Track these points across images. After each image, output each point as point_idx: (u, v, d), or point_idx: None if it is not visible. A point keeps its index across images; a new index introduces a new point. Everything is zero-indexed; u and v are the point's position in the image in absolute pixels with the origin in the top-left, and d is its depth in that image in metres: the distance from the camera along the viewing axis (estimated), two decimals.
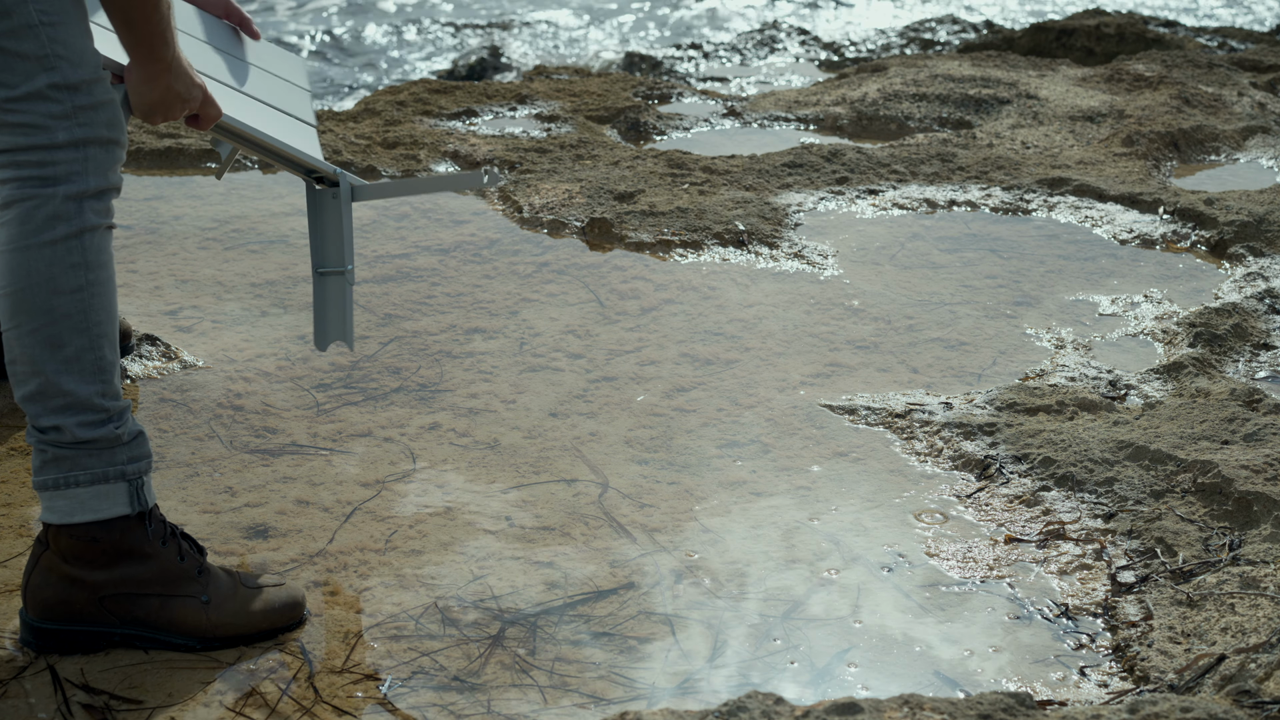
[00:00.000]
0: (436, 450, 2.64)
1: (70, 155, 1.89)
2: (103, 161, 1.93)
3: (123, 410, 1.97)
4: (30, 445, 1.96)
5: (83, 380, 1.92)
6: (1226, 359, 3.05)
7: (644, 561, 2.31)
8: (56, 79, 1.87)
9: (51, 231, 1.89)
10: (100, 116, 1.92)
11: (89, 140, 1.91)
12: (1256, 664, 1.92)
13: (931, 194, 4.01)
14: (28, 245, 1.89)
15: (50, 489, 1.95)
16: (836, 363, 3.02)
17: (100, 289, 1.94)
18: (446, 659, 2.06)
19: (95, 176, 1.92)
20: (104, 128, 1.92)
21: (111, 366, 1.96)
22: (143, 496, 1.99)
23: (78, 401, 1.92)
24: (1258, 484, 2.40)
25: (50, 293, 1.90)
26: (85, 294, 1.92)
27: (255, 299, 3.23)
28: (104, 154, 1.93)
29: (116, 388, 1.96)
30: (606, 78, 5.37)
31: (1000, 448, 2.65)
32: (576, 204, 3.79)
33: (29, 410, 1.93)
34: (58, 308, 1.90)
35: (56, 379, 1.91)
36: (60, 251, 1.90)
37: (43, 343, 1.91)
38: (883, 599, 2.23)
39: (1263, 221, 3.72)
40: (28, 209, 1.89)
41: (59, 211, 1.89)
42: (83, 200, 1.91)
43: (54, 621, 2.00)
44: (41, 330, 1.90)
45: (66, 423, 1.92)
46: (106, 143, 1.93)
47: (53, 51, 1.86)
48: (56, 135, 1.88)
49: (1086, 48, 6.37)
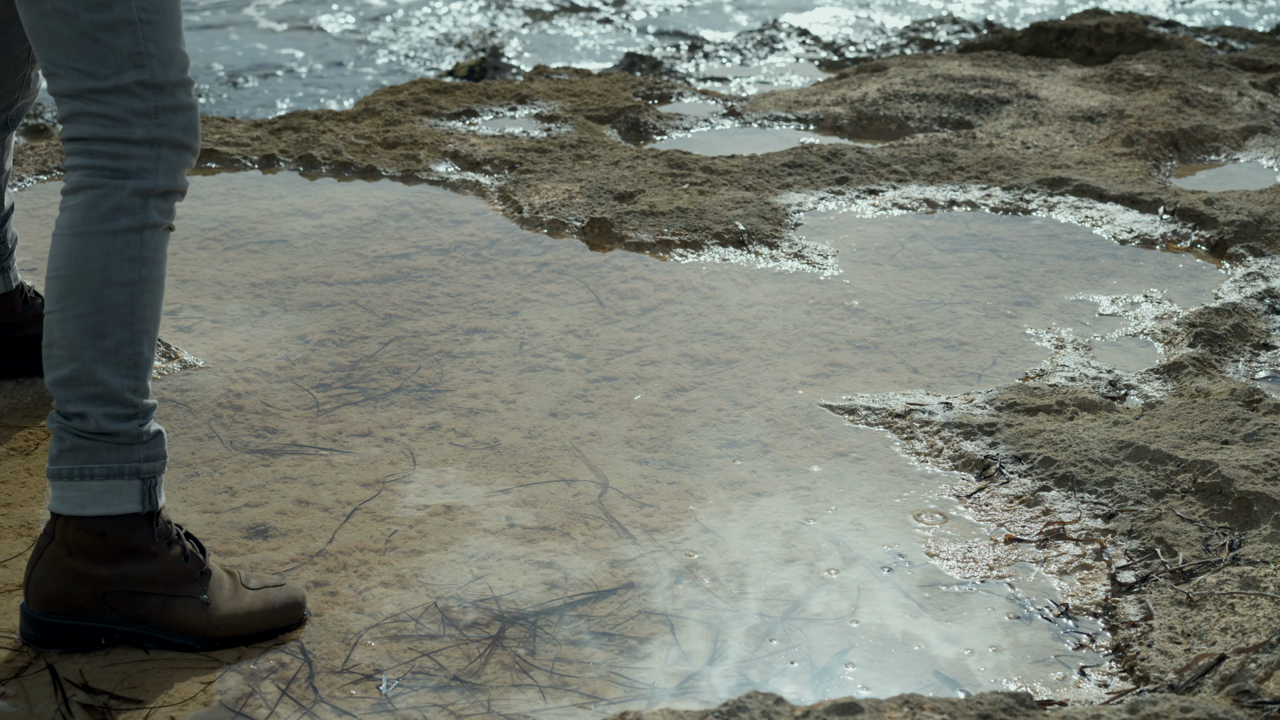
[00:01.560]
0: (436, 450, 2.64)
1: (145, 152, 1.93)
2: (174, 163, 1.97)
3: (149, 409, 2.00)
4: (51, 430, 1.98)
5: (118, 373, 1.95)
6: (1226, 359, 3.05)
7: (644, 561, 2.31)
8: (145, 76, 1.91)
9: (115, 222, 1.93)
10: (179, 120, 1.96)
11: (165, 140, 1.95)
12: (1256, 664, 1.92)
13: (931, 194, 4.01)
14: (89, 232, 1.93)
15: (64, 479, 1.96)
16: (836, 363, 3.02)
17: (151, 286, 1.97)
18: (446, 659, 2.06)
19: (165, 176, 1.96)
20: (181, 131, 1.96)
21: (147, 364, 1.99)
22: (154, 496, 2.01)
23: (109, 392, 1.94)
24: (1258, 484, 2.40)
25: (103, 282, 1.93)
26: (136, 288, 1.95)
27: (255, 299, 3.23)
28: (176, 156, 1.97)
29: (148, 387, 2.00)
30: (606, 78, 5.37)
31: (1000, 448, 2.65)
32: (576, 204, 3.79)
33: (58, 394, 1.96)
34: (107, 297, 1.93)
35: (92, 367, 1.93)
36: (120, 243, 1.93)
37: (86, 329, 1.93)
38: (883, 599, 2.23)
39: (1263, 221, 3.72)
40: (95, 196, 1.93)
41: (125, 204, 1.93)
42: (149, 197, 1.95)
43: (55, 615, 2.00)
44: (87, 317, 1.93)
45: (93, 411, 1.94)
46: (180, 146, 1.97)
47: (145, 49, 1.91)
48: (135, 131, 1.92)
49: (1086, 48, 6.37)
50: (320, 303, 3.22)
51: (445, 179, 4.02)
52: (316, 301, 3.22)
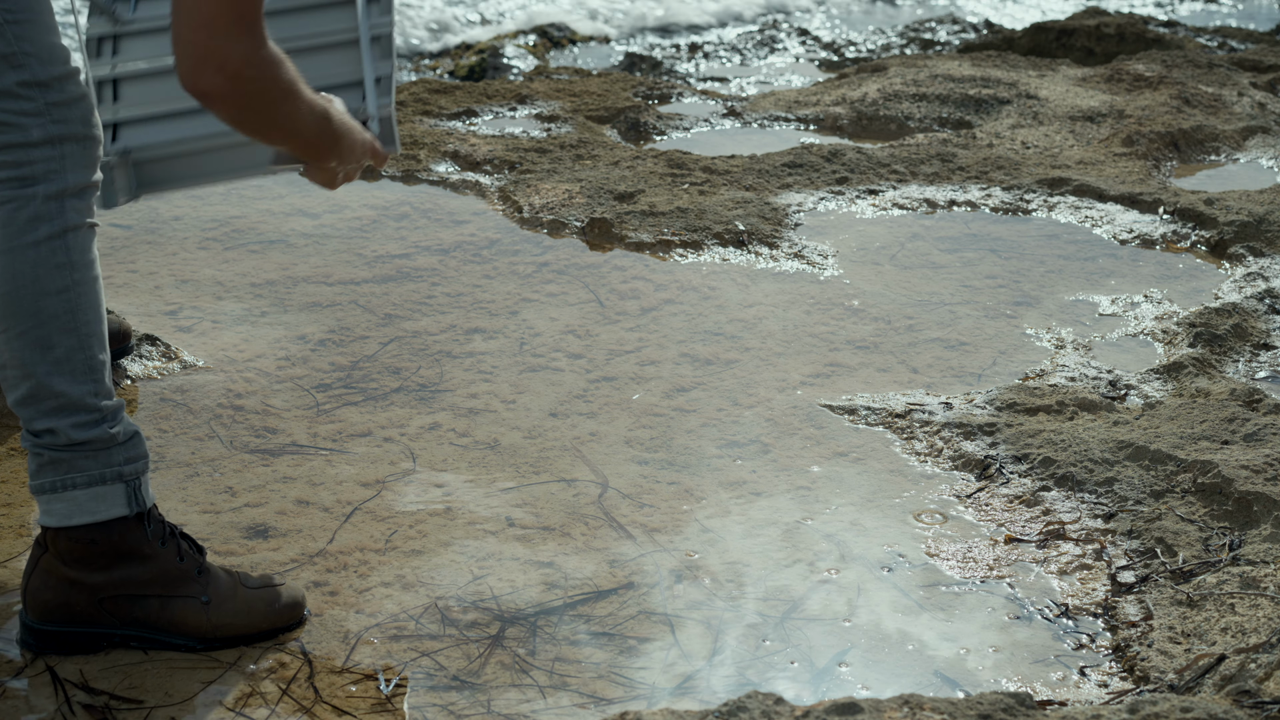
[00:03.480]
0: (436, 450, 2.64)
1: (47, 153, 1.88)
2: (80, 158, 1.92)
3: (116, 410, 1.96)
4: (25, 449, 1.95)
5: (74, 381, 1.91)
6: (1226, 359, 3.05)
7: (644, 561, 2.31)
8: (25, 76, 1.86)
9: (34, 233, 1.88)
10: (74, 113, 1.91)
11: (65, 137, 1.90)
12: (1256, 664, 1.92)
13: (931, 194, 4.01)
14: (11, 248, 1.88)
15: (47, 492, 1.94)
16: (836, 363, 3.02)
17: (86, 288, 1.93)
18: (446, 659, 2.06)
19: (74, 173, 1.91)
20: (78, 124, 1.91)
21: (102, 366, 1.95)
22: (140, 497, 1.99)
23: (70, 402, 1.91)
24: (1258, 484, 2.40)
25: (37, 294, 1.89)
26: (72, 294, 1.91)
27: (255, 299, 3.23)
28: (80, 150, 1.92)
29: (109, 387, 1.95)
30: (606, 78, 5.37)
31: (1000, 448, 2.65)
32: (576, 204, 3.79)
33: (22, 414, 1.93)
34: (45, 309, 1.90)
35: (48, 381, 1.90)
36: (44, 252, 1.89)
37: (32, 345, 1.90)
38: (882, 599, 2.23)
39: (1263, 221, 3.72)
40: (9, 211, 1.88)
41: (40, 212, 1.88)
42: (63, 199, 1.90)
43: (54, 624, 2.00)
44: (30, 333, 1.90)
45: (60, 425, 1.92)
46: (83, 139, 1.92)
47: (20, 49, 1.85)
48: (31, 133, 1.87)
49: (1086, 48, 6.37)
50: (320, 303, 3.22)
51: (445, 179, 4.02)
52: (316, 301, 3.22)
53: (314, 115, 1.86)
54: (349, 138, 1.96)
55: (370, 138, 2.03)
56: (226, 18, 1.72)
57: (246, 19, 1.74)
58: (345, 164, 1.98)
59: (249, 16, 1.74)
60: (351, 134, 1.97)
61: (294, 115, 1.83)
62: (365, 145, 2.02)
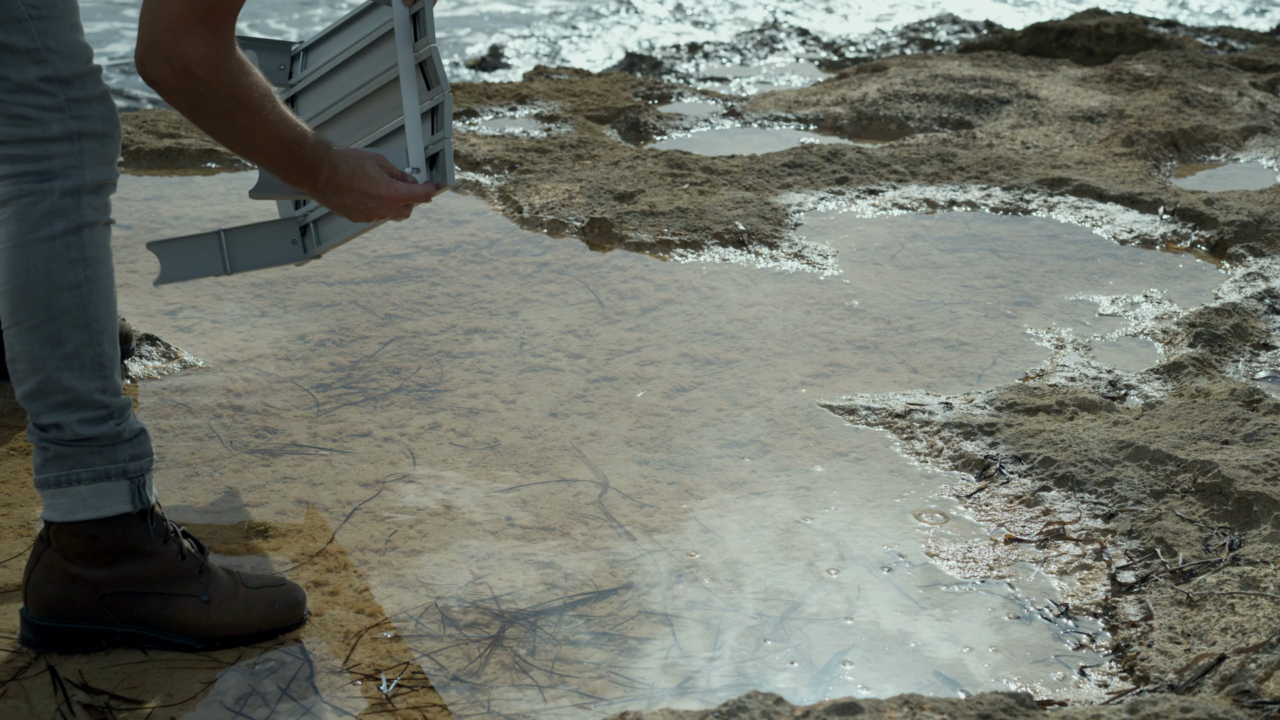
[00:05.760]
0: (436, 450, 2.64)
1: (65, 149, 1.89)
2: (98, 155, 1.93)
3: (123, 407, 1.97)
4: (31, 444, 1.96)
5: (83, 376, 1.92)
6: (1226, 359, 3.05)
7: (644, 561, 2.31)
8: (48, 72, 1.87)
9: (49, 228, 1.89)
10: (94, 110, 1.92)
11: (83, 134, 1.91)
12: (1256, 664, 1.92)
13: (931, 194, 4.01)
14: (26, 242, 1.89)
15: (51, 487, 1.95)
16: (836, 363, 3.02)
17: (99, 284, 1.94)
18: (446, 659, 2.06)
19: (91, 170, 1.92)
20: (98, 121, 1.92)
21: (112, 362, 1.96)
22: (144, 494, 1.99)
23: (78, 398, 1.92)
24: (1258, 484, 2.40)
25: (49, 289, 1.90)
26: (84, 290, 1.92)
27: (255, 299, 3.23)
28: (99, 147, 1.93)
29: (117, 384, 1.96)
30: (606, 78, 5.37)
31: (1000, 448, 2.65)
32: (576, 204, 3.79)
33: (30, 408, 1.94)
34: (57, 304, 1.91)
35: (56, 375, 1.91)
36: (59, 248, 1.90)
37: (43, 339, 1.91)
38: (882, 599, 2.23)
39: (1263, 221, 3.72)
40: (25, 205, 1.89)
41: (56, 207, 1.89)
42: (80, 195, 1.91)
43: (55, 619, 2.00)
44: (41, 327, 1.90)
45: (67, 420, 1.92)
46: (101, 136, 1.93)
47: (43, 45, 1.87)
48: (50, 128, 1.88)
49: (1086, 48, 6.37)
50: (320, 303, 3.22)
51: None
52: (316, 301, 3.22)
53: (277, 138, 1.93)
54: (346, 183, 2.04)
55: (401, 191, 2.10)
56: (190, 16, 1.78)
57: (211, 23, 1.80)
58: (345, 198, 2.06)
59: (214, 20, 1.80)
60: (354, 185, 2.05)
61: (251, 130, 1.90)
62: (386, 198, 2.08)
